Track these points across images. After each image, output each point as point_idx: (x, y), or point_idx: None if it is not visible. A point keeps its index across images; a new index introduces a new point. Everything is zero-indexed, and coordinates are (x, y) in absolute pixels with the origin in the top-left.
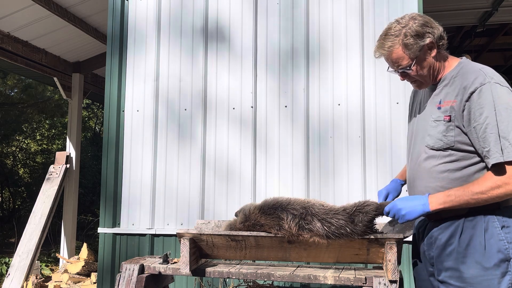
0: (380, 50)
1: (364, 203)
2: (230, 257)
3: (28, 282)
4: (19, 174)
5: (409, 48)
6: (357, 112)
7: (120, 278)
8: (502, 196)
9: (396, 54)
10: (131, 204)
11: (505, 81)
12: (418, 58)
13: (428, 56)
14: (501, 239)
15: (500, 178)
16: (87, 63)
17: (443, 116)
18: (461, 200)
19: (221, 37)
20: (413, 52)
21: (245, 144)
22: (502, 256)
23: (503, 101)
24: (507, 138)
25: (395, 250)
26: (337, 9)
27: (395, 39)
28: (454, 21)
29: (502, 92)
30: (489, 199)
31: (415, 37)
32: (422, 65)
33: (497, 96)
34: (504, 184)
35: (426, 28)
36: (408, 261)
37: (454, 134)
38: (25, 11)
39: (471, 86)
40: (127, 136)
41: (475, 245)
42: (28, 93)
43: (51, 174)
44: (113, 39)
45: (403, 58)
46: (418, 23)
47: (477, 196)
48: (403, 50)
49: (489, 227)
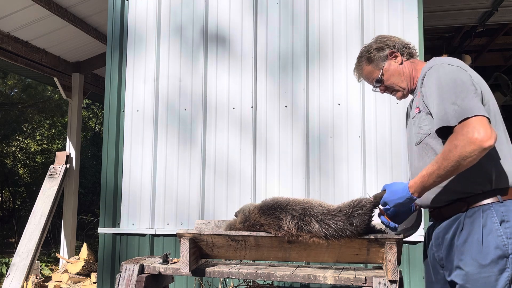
0: (356, 73)
1: (358, 203)
2: (230, 257)
3: (28, 282)
4: (19, 174)
5: (372, 61)
6: (357, 112)
7: (120, 278)
8: (459, 159)
9: (366, 70)
10: (131, 204)
11: (459, 63)
12: (385, 68)
13: (394, 65)
14: (499, 235)
15: (452, 139)
16: (87, 63)
17: (414, 108)
18: (432, 174)
19: (221, 37)
20: (377, 63)
21: (245, 144)
22: (500, 252)
23: (448, 76)
24: (456, 103)
25: (395, 250)
26: (337, 9)
27: (361, 58)
28: (454, 21)
29: (450, 69)
30: (452, 164)
31: (375, 51)
32: (390, 73)
33: (443, 73)
34: (457, 145)
35: (385, 42)
36: (408, 261)
37: (428, 122)
38: (25, 11)
39: (422, 74)
40: (127, 136)
41: (472, 242)
42: (28, 93)
43: (51, 174)
44: (113, 39)
45: (372, 71)
46: (376, 40)
47: (440, 164)
48: (369, 65)
49: (487, 223)
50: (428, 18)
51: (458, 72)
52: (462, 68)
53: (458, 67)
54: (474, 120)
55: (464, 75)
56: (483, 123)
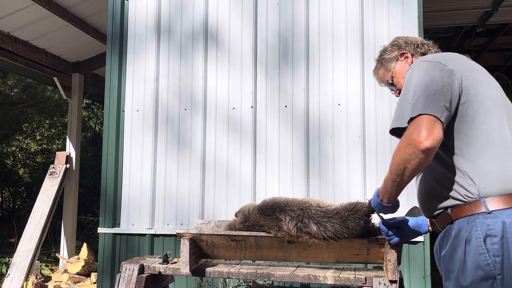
0: (374, 76)
1: (354, 207)
2: (230, 257)
3: (28, 282)
4: (19, 174)
5: (383, 63)
6: (357, 112)
7: (120, 278)
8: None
9: (380, 73)
10: (131, 204)
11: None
12: (395, 70)
13: (405, 66)
14: (482, 253)
15: (401, 139)
16: (87, 63)
17: None
18: (388, 179)
19: (221, 37)
20: (388, 66)
21: (245, 144)
22: (482, 273)
23: (418, 75)
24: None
25: (395, 250)
26: (337, 9)
27: (377, 61)
28: (454, 21)
29: (425, 67)
30: (398, 168)
31: (387, 53)
32: (400, 75)
33: (416, 71)
34: (400, 147)
35: (397, 43)
36: (408, 261)
37: None
38: (25, 11)
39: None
40: (127, 136)
41: (456, 259)
42: (28, 93)
43: (51, 174)
44: (113, 39)
45: (384, 74)
46: (391, 42)
47: (390, 168)
48: (381, 68)
49: (471, 237)
50: (428, 18)
51: (433, 69)
52: (441, 63)
53: (436, 63)
54: (418, 120)
55: (438, 72)
56: (426, 123)
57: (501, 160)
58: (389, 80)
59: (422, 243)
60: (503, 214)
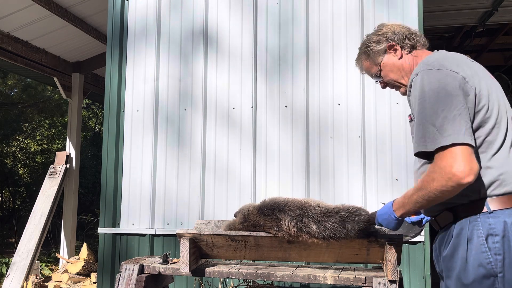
0: (357, 65)
1: (356, 211)
2: (229, 257)
3: (28, 282)
4: (19, 174)
5: (370, 56)
6: (357, 112)
7: (120, 278)
8: (436, 192)
9: (365, 65)
10: (131, 204)
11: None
12: (383, 63)
13: (393, 59)
14: (484, 251)
15: (430, 171)
16: (87, 63)
17: (408, 115)
18: (411, 199)
19: (221, 37)
20: (375, 59)
21: (245, 144)
22: (484, 271)
23: (434, 86)
24: (434, 124)
25: (395, 250)
26: (337, 9)
27: (360, 51)
28: (454, 21)
29: (435, 77)
30: (430, 196)
31: (373, 44)
32: (389, 69)
33: (427, 83)
34: (435, 179)
35: (384, 34)
36: (408, 261)
37: None
38: (25, 11)
39: (410, 79)
40: (127, 136)
41: (458, 257)
42: (28, 93)
43: (51, 174)
44: (113, 39)
45: (370, 67)
46: (376, 31)
47: (419, 193)
48: (367, 60)
49: (473, 237)
50: (428, 18)
51: (445, 79)
52: (453, 70)
53: (447, 71)
54: (454, 150)
55: (451, 83)
56: (463, 155)
57: (502, 162)
58: (377, 73)
59: (422, 243)
60: (505, 214)
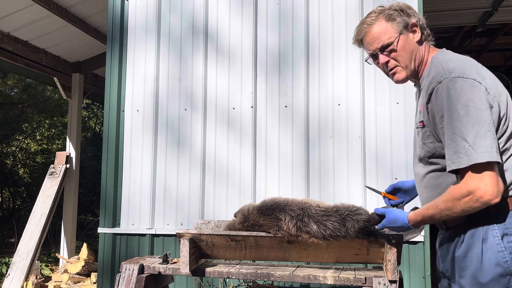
0: (359, 27)
1: (356, 210)
2: (229, 257)
3: (28, 282)
4: (19, 174)
5: (393, 19)
6: (357, 112)
7: (120, 278)
8: (461, 211)
9: (379, 27)
10: (131, 204)
11: (471, 72)
12: (402, 37)
13: (411, 40)
14: (500, 251)
15: (456, 191)
16: (87, 63)
17: (418, 122)
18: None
19: (221, 37)
20: (397, 25)
21: (245, 144)
22: (501, 270)
23: (461, 98)
24: (466, 139)
25: (395, 250)
26: (337, 10)
27: (379, 14)
28: (454, 21)
29: (462, 87)
30: (454, 215)
31: (400, 11)
32: (405, 45)
33: (455, 93)
34: (461, 200)
35: (411, 10)
36: (408, 261)
37: (432, 140)
38: (25, 11)
39: (429, 86)
40: (127, 136)
41: (472, 257)
42: (28, 93)
43: (51, 174)
44: (113, 39)
45: (386, 31)
46: (402, 3)
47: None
48: (386, 21)
49: (488, 236)
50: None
51: (472, 90)
52: (477, 81)
53: (472, 81)
54: (485, 170)
55: (478, 94)
56: (492, 176)
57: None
58: (392, 41)
59: (422, 243)
60: None
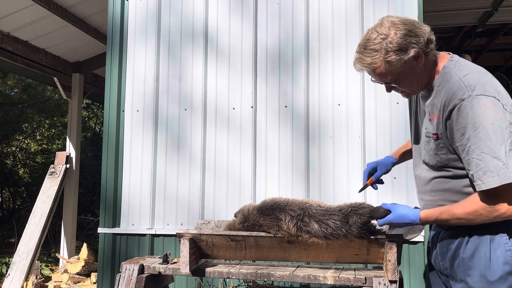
0: (359, 65)
1: (359, 205)
2: (230, 257)
3: (28, 282)
4: (19, 174)
5: (392, 65)
6: (357, 112)
7: (120, 278)
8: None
9: (380, 71)
10: (131, 204)
11: (491, 89)
12: (403, 72)
13: (415, 67)
14: (508, 250)
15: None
16: (87, 63)
17: (431, 132)
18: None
19: (221, 37)
20: (397, 68)
21: (245, 144)
22: (509, 268)
23: (486, 116)
24: (500, 158)
25: (395, 250)
26: (337, 10)
27: (376, 54)
28: (454, 21)
29: (486, 105)
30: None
31: (397, 52)
32: (409, 79)
33: (479, 112)
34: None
35: (410, 39)
36: (408, 261)
37: (445, 152)
38: (25, 11)
39: (449, 103)
40: (127, 136)
41: (480, 256)
42: (28, 93)
43: (51, 174)
44: (113, 39)
45: (386, 75)
46: (400, 33)
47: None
48: (385, 68)
49: (495, 236)
50: (428, 18)
51: (494, 108)
52: (496, 98)
53: (493, 99)
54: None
55: (499, 111)
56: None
57: None
58: (392, 81)
59: (422, 243)
60: None
